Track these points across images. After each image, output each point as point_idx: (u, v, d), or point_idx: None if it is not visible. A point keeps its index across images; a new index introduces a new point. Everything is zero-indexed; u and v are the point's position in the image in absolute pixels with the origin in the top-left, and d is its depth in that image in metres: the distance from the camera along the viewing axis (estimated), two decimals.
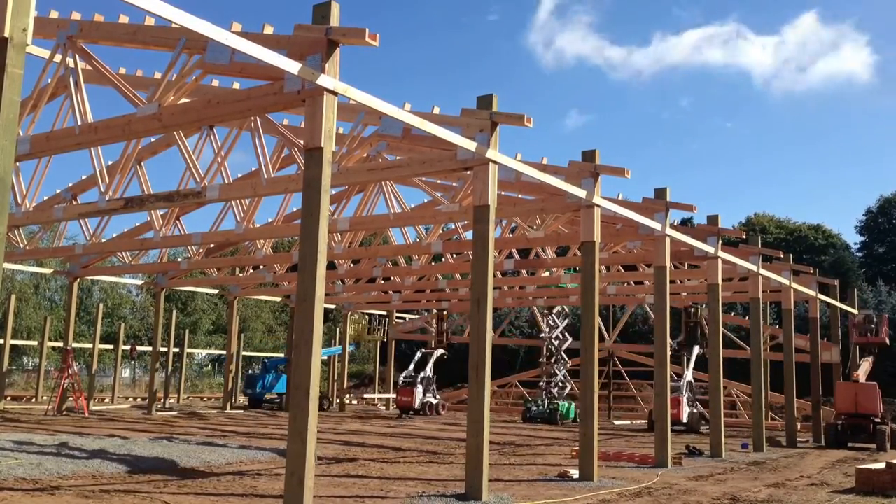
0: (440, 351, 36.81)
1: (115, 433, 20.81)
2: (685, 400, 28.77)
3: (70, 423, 24.00)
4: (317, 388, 9.20)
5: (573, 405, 32.87)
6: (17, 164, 18.36)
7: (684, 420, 28.49)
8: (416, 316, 45.10)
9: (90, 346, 38.21)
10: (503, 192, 17.51)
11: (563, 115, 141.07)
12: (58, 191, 22.56)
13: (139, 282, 40.53)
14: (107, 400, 38.10)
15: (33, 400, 36.68)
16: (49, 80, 14.02)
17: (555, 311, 35.09)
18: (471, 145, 12.33)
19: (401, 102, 13.43)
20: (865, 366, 27.97)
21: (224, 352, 40.97)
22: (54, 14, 13.28)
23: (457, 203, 16.75)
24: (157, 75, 14.37)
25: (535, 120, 12.70)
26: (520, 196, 18.20)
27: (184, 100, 12.29)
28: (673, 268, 23.85)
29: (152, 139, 19.08)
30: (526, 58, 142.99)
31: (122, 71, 14.91)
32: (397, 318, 43.74)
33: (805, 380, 28.60)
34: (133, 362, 53.39)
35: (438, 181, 18.82)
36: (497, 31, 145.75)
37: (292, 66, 9.34)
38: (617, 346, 39.36)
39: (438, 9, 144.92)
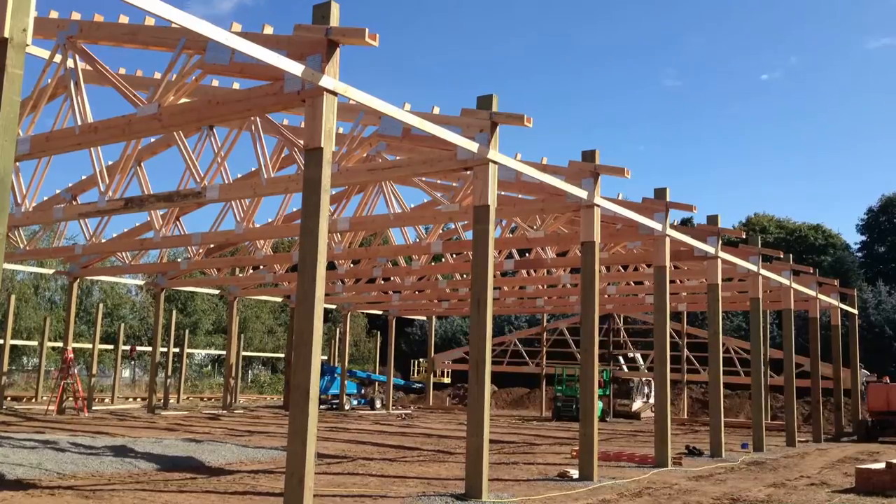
0: None
1: (116, 432, 20.81)
2: None
3: (69, 423, 23.99)
4: (317, 389, 9.20)
5: (600, 404, 33.93)
6: (17, 164, 18.37)
7: None
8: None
9: (90, 346, 38.22)
10: (503, 192, 17.50)
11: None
12: (58, 191, 22.56)
13: (139, 282, 40.48)
14: (106, 400, 38.11)
15: (33, 400, 36.69)
16: (49, 81, 14.01)
17: None
18: (471, 145, 12.34)
19: (405, 102, 13.44)
20: None
21: (224, 352, 41.00)
22: (54, 14, 13.27)
23: (457, 203, 16.75)
24: (157, 75, 14.36)
25: None
26: (520, 196, 18.19)
27: (184, 100, 12.29)
28: (673, 268, 23.87)
29: (152, 139, 19.06)
30: None
31: (122, 71, 14.89)
32: None
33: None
34: (133, 363, 53.41)
35: (438, 181, 18.80)
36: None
37: (292, 67, 9.35)
38: None
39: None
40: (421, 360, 48.59)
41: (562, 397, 35.95)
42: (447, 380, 46.60)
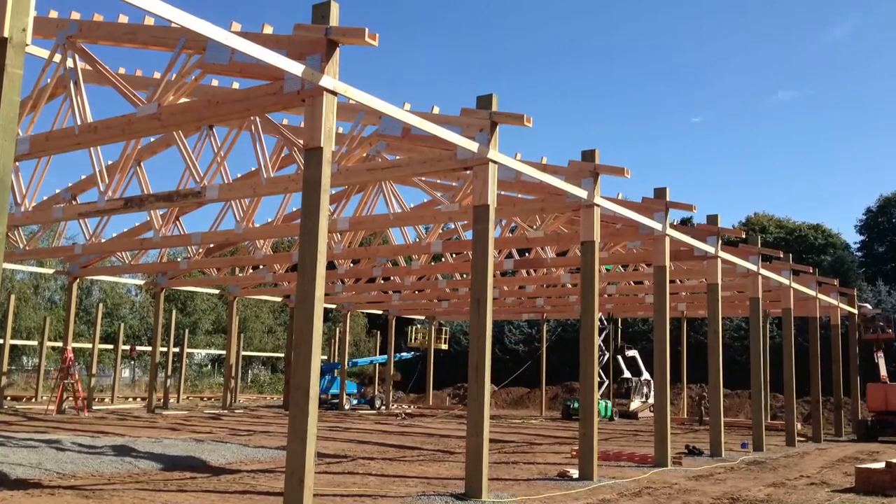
0: None
1: (116, 432, 20.81)
2: None
3: (68, 423, 23.98)
4: (317, 388, 9.20)
5: (609, 404, 35.61)
6: (17, 163, 18.36)
7: None
8: None
9: (90, 346, 38.24)
10: (503, 192, 17.49)
11: None
12: (57, 191, 22.56)
13: (139, 282, 40.51)
14: (106, 400, 38.11)
15: (33, 400, 36.69)
16: (48, 80, 13.99)
17: None
18: (471, 145, 12.33)
19: (405, 102, 13.42)
20: (882, 362, 31.41)
21: (224, 352, 41.01)
22: (54, 14, 13.25)
23: (456, 203, 16.74)
24: (157, 75, 14.35)
25: None
26: (520, 196, 18.18)
27: (183, 99, 12.28)
28: (672, 268, 23.86)
29: (152, 139, 19.05)
30: None
31: (122, 71, 14.88)
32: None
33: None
34: (133, 363, 53.42)
35: (438, 181, 18.79)
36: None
37: (292, 66, 9.34)
38: None
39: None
40: (418, 325, 48.43)
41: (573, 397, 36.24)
42: (445, 346, 46.72)
